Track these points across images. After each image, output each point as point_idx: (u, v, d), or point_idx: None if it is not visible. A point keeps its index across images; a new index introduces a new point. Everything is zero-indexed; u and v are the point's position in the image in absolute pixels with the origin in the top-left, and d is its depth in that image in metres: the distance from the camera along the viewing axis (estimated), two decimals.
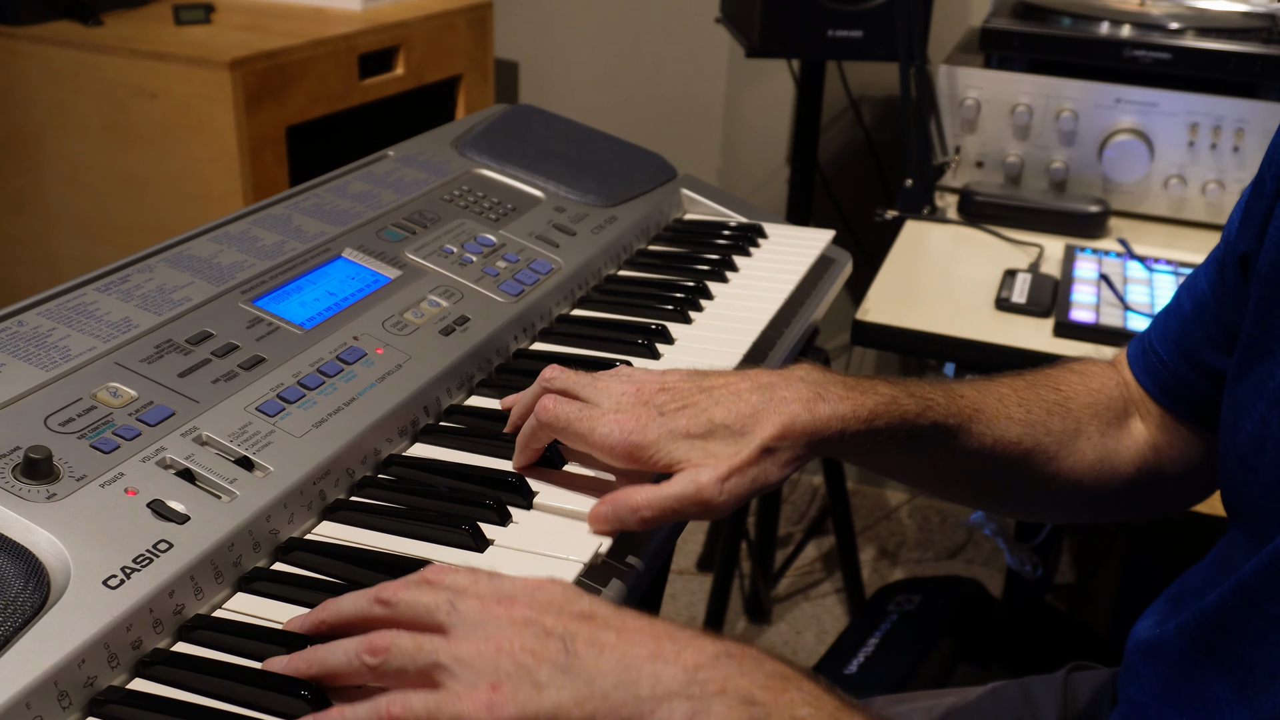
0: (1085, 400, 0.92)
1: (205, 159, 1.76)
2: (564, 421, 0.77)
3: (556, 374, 0.81)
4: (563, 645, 0.60)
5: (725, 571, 2.03)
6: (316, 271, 0.97)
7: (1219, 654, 0.73)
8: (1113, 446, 0.91)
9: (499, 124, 1.33)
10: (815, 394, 0.77)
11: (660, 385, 0.78)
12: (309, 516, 0.78)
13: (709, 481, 0.74)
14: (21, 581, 0.63)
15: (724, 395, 0.77)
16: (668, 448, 0.75)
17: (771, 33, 1.79)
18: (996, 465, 0.87)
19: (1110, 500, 0.93)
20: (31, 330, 0.82)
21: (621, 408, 0.77)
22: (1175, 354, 0.90)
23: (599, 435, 0.76)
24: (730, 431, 0.75)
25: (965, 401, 0.85)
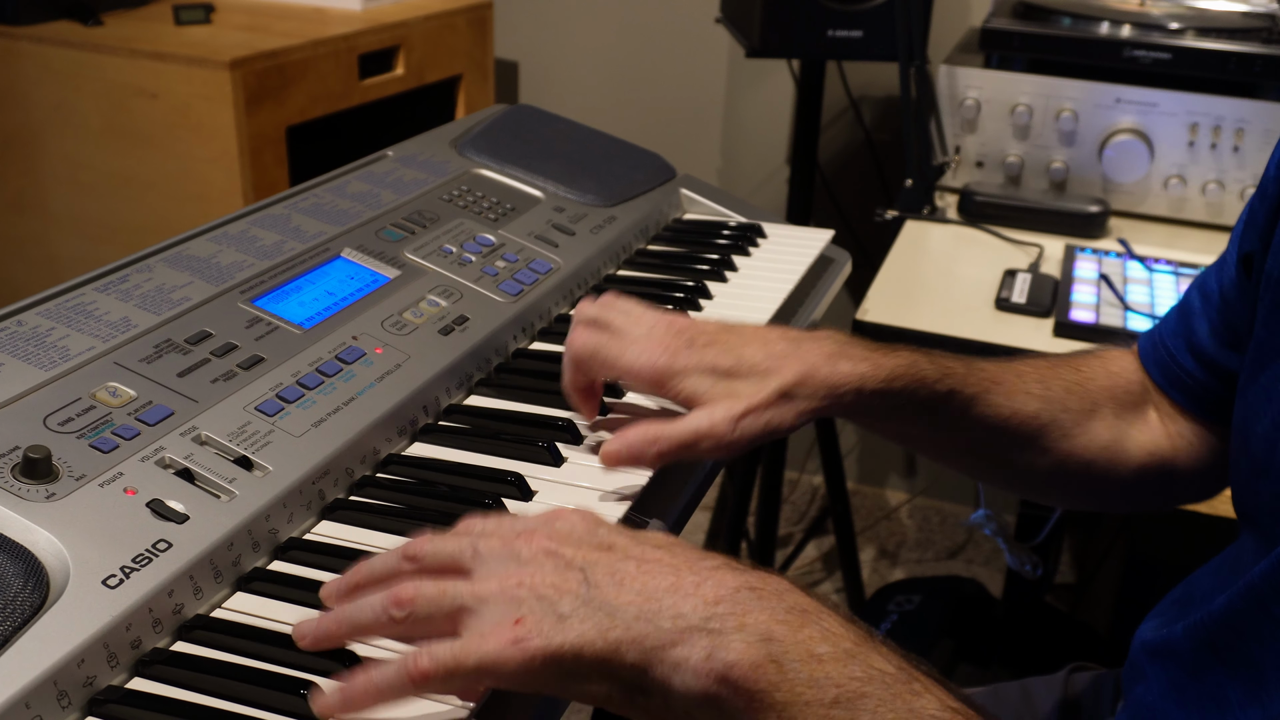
0: (1104, 383, 0.92)
1: (205, 159, 1.76)
2: (591, 349, 0.78)
3: (588, 304, 0.81)
4: (583, 576, 0.60)
5: None
6: (316, 271, 0.98)
7: (1229, 656, 0.72)
8: (1127, 431, 0.91)
9: (499, 124, 1.33)
10: (839, 350, 0.79)
11: (691, 322, 0.80)
12: (308, 516, 0.78)
13: (723, 418, 0.75)
14: (21, 581, 0.63)
15: (753, 338, 0.79)
16: (693, 379, 0.76)
17: (771, 33, 1.79)
18: (1011, 438, 0.88)
19: (1118, 487, 0.93)
20: (31, 330, 0.82)
21: (653, 335, 0.78)
22: (1184, 349, 0.90)
23: (628, 359, 0.77)
24: (754, 371, 0.77)
25: (984, 374, 0.86)
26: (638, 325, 0.80)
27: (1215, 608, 0.73)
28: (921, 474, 2.52)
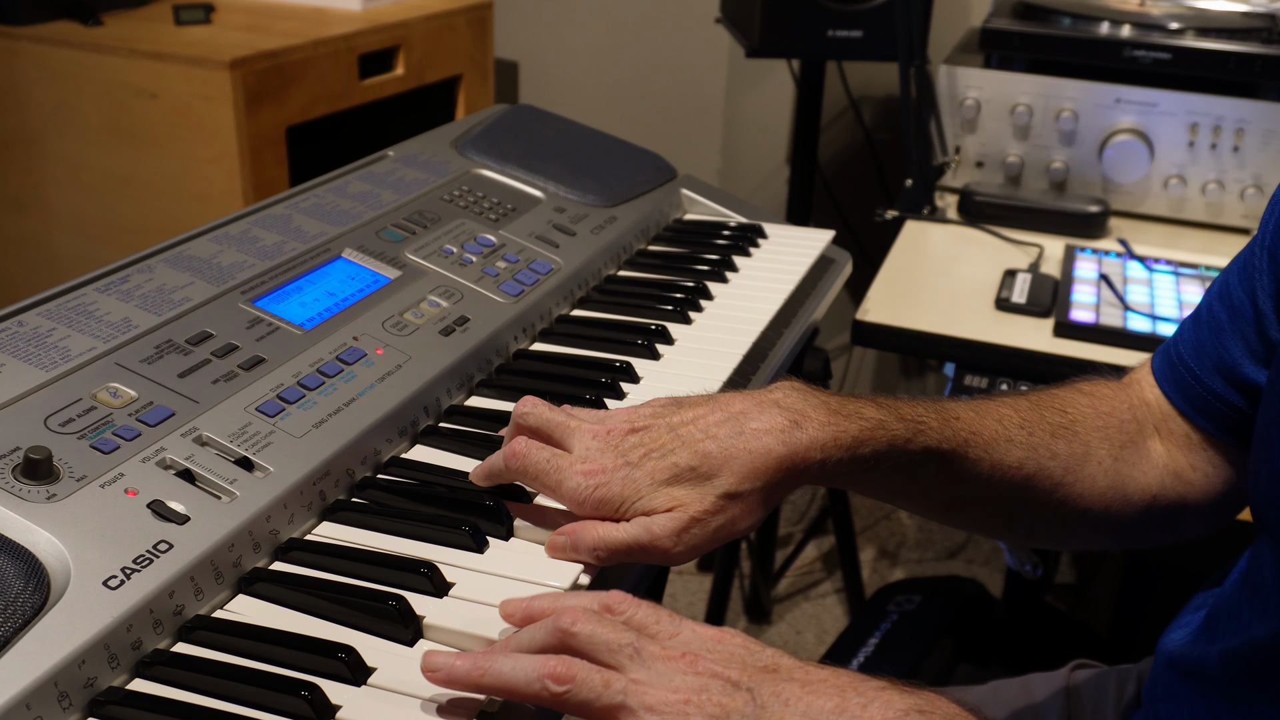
0: (1095, 423, 0.87)
1: (205, 159, 1.76)
2: (534, 472, 0.75)
3: (529, 409, 0.78)
4: (750, 697, 0.59)
5: (725, 571, 2.03)
6: (316, 272, 0.97)
7: (1272, 685, 0.71)
8: (1127, 472, 0.86)
9: (499, 124, 1.33)
10: (792, 422, 0.74)
11: (630, 426, 0.75)
12: (309, 517, 0.78)
13: (663, 533, 0.71)
14: (21, 582, 0.63)
15: (692, 433, 0.74)
16: (633, 501, 0.73)
17: (771, 33, 1.79)
18: (997, 491, 0.83)
19: (1124, 528, 0.89)
20: (31, 330, 0.82)
21: (589, 456, 0.74)
22: (1209, 368, 0.85)
23: (567, 489, 0.74)
24: (695, 474, 0.72)
25: (961, 424, 0.81)
26: (578, 441, 0.75)
27: (1256, 637, 0.71)
28: None
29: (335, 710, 0.62)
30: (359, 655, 0.65)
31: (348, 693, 0.64)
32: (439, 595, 0.71)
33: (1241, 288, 0.83)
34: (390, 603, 0.68)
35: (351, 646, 0.65)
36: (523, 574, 0.73)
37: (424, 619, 0.69)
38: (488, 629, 0.68)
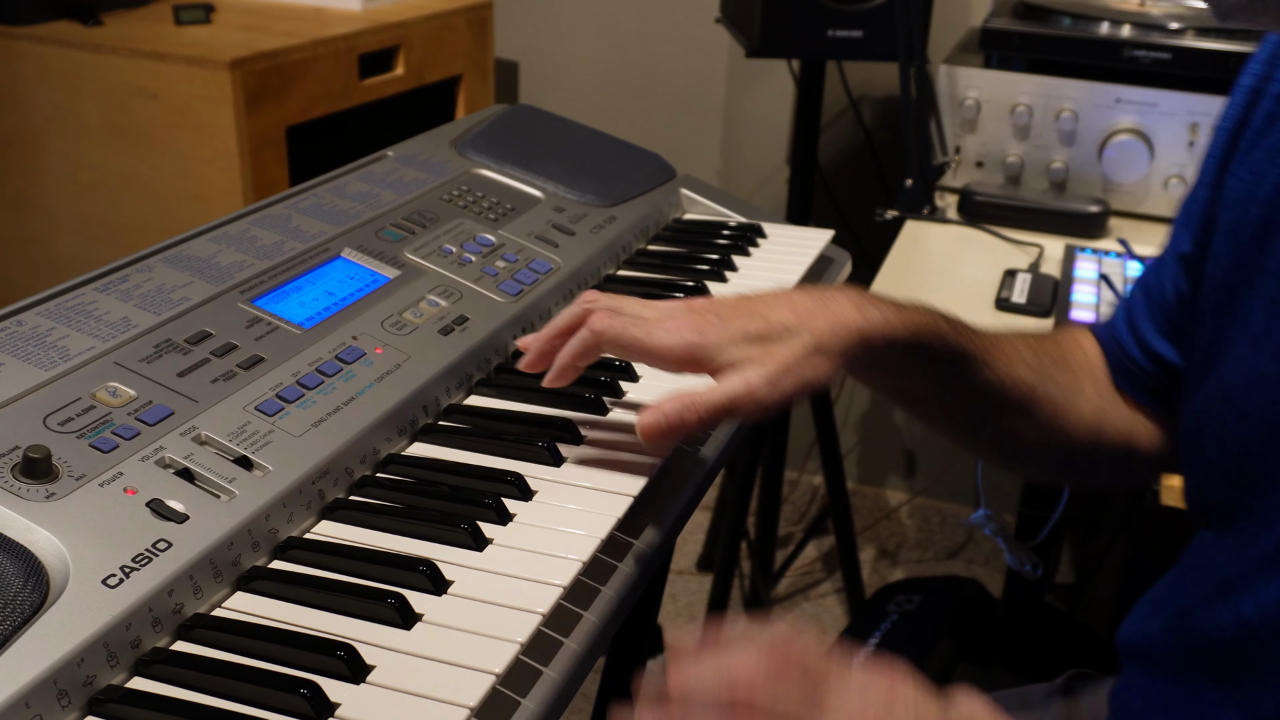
0: (1083, 362, 0.93)
1: (205, 159, 1.76)
2: (619, 331, 0.77)
3: (598, 294, 0.80)
4: None
5: (725, 571, 2.03)
6: (316, 271, 0.98)
7: (1208, 659, 0.73)
8: (1106, 410, 0.92)
9: (498, 124, 1.33)
10: (864, 300, 0.79)
11: (706, 302, 0.79)
12: (308, 516, 0.78)
13: (759, 380, 0.73)
14: (21, 581, 0.63)
15: (776, 300, 0.77)
16: (729, 349, 0.75)
17: (771, 33, 1.79)
18: (1005, 404, 0.88)
19: (1096, 464, 0.95)
20: (31, 330, 0.82)
21: (676, 316, 0.77)
22: (1133, 344, 0.92)
23: (656, 339, 0.76)
24: (786, 331, 0.75)
25: (985, 338, 0.87)
26: (654, 311, 0.78)
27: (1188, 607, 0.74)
28: (921, 474, 2.52)
29: (334, 708, 0.62)
30: (358, 653, 0.65)
31: (347, 691, 0.64)
32: (438, 593, 0.71)
33: (1154, 274, 0.91)
34: (389, 601, 0.69)
35: (351, 645, 0.65)
36: (523, 572, 0.73)
37: (423, 617, 0.69)
38: (488, 627, 0.68)
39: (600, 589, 0.74)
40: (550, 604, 0.71)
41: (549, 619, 0.70)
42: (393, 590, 0.70)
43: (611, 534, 0.78)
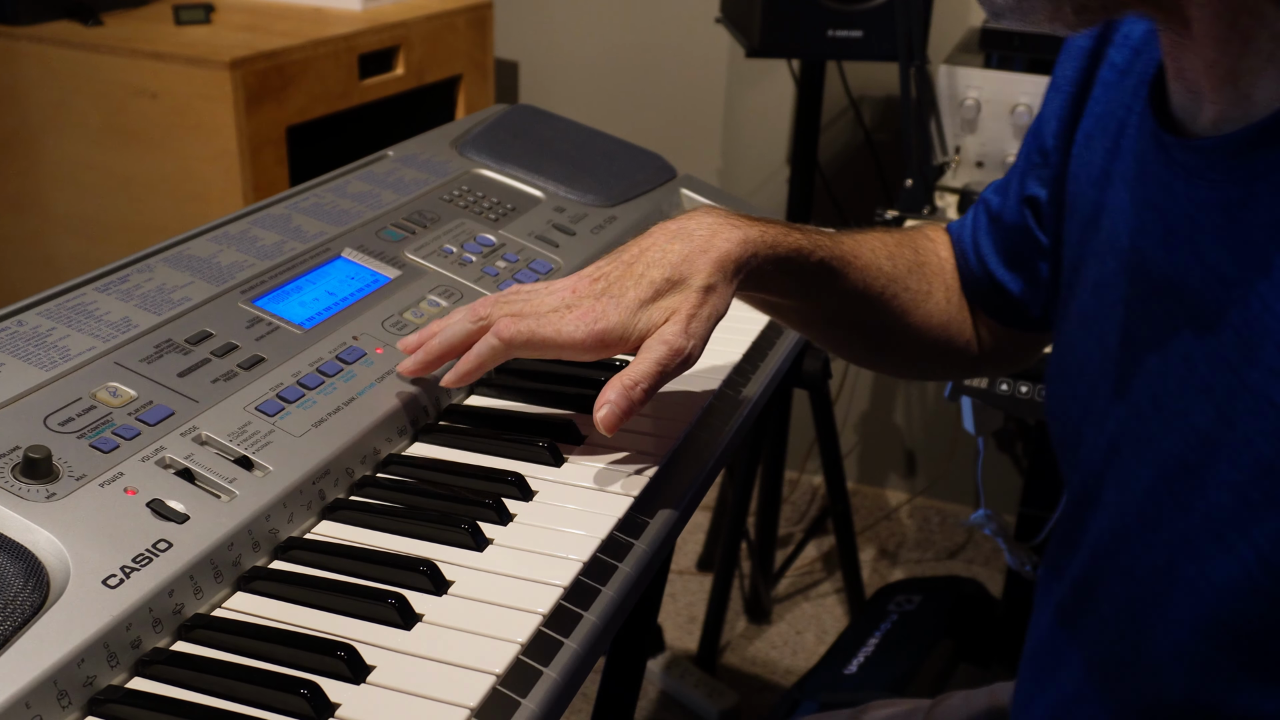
0: (937, 267, 0.98)
1: (205, 159, 1.76)
2: (527, 334, 0.81)
3: (490, 302, 0.84)
4: None
5: (725, 571, 2.03)
6: (316, 271, 0.98)
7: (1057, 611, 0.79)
8: (955, 315, 0.98)
9: (499, 124, 1.33)
10: (729, 225, 0.83)
11: (591, 277, 0.83)
12: (308, 516, 0.78)
13: (675, 337, 0.79)
14: (21, 581, 0.63)
15: (654, 257, 0.82)
16: (631, 323, 0.80)
17: (771, 33, 1.79)
18: (865, 311, 0.93)
19: (950, 363, 1.01)
20: (31, 330, 0.82)
21: (573, 305, 0.81)
22: (973, 253, 0.96)
23: (565, 335, 0.80)
24: (671, 284, 0.80)
25: (845, 247, 0.91)
26: (549, 302, 0.82)
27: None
28: (921, 474, 2.52)
29: (334, 708, 0.62)
30: (358, 654, 0.65)
31: (347, 691, 0.64)
32: (438, 593, 0.71)
33: (997, 200, 0.94)
34: (390, 601, 0.69)
35: (351, 645, 0.65)
36: (523, 572, 0.73)
37: (423, 617, 0.69)
38: (488, 627, 0.68)
39: (600, 589, 0.74)
40: (550, 604, 0.71)
41: (549, 619, 0.70)
42: (393, 590, 0.70)
43: (611, 534, 0.78)
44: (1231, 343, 0.61)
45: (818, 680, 1.65)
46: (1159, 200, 0.67)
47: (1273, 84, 0.59)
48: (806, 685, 1.64)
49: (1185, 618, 0.66)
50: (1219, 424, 0.62)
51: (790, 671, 2.10)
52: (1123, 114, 0.75)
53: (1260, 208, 0.60)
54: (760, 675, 2.11)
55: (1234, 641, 0.63)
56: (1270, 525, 0.60)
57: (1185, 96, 0.66)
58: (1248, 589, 0.61)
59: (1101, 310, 0.74)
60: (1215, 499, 0.63)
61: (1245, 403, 0.60)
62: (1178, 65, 0.66)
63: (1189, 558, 0.65)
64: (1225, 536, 0.62)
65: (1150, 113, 0.69)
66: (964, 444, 2.39)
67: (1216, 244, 0.62)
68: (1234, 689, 0.64)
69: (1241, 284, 0.60)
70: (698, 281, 0.80)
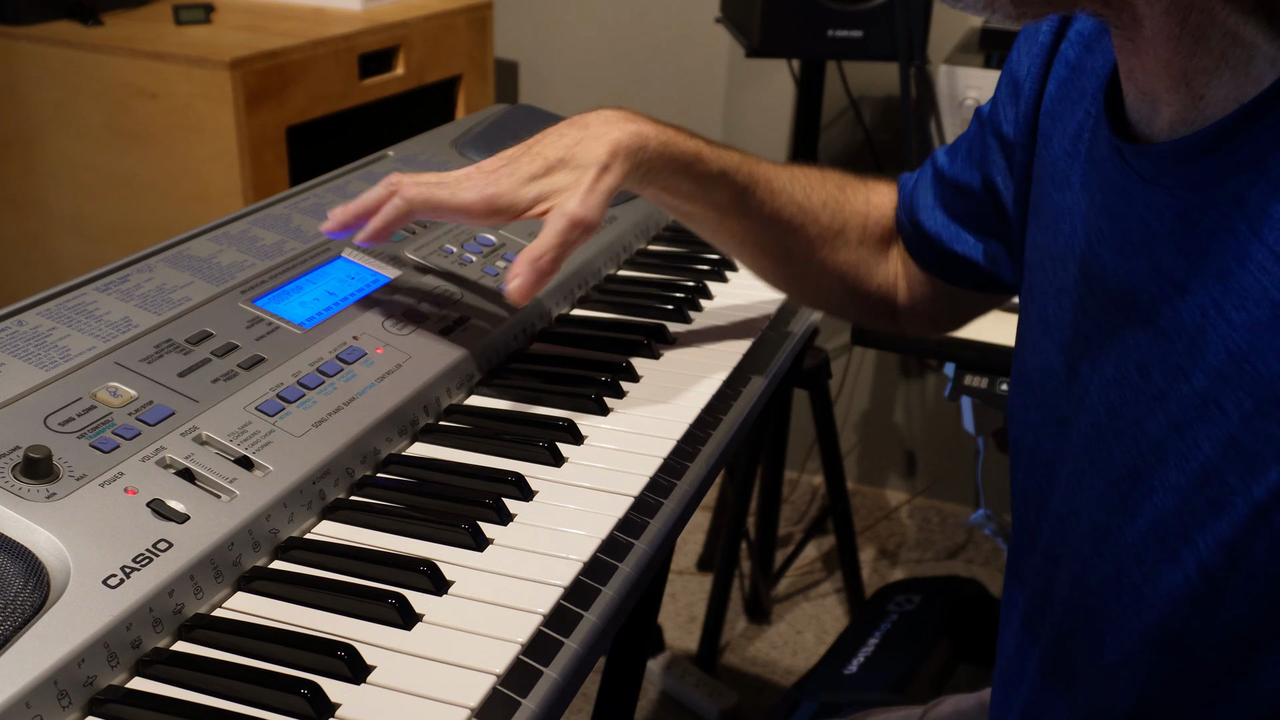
0: (858, 209, 1.00)
1: (205, 159, 1.76)
2: (424, 196, 0.88)
3: (402, 175, 0.91)
4: None
5: (725, 571, 2.03)
6: (316, 271, 0.98)
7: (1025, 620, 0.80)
8: (868, 261, 1.01)
9: (499, 124, 1.33)
10: (624, 118, 0.89)
11: (496, 158, 0.90)
12: (309, 516, 0.78)
13: (574, 207, 0.85)
14: (21, 581, 0.63)
15: (550, 141, 0.89)
16: (520, 191, 0.87)
17: (771, 33, 1.79)
18: (771, 235, 0.97)
19: (860, 307, 1.05)
20: (31, 330, 0.82)
21: (472, 178, 0.88)
22: (910, 207, 0.99)
23: (459, 199, 0.87)
24: (565, 163, 0.87)
25: (760, 170, 0.95)
26: (453, 175, 0.90)
27: None
28: (921, 474, 2.52)
29: (335, 709, 0.62)
30: (359, 654, 0.65)
31: (347, 691, 0.64)
32: (439, 594, 0.71)
33: (949, 163, 0.96)
34: (390, 601, 0.69)
35: (351, 645, 0.65)
36: (523, 572, 0.73)
37: (423, 617, 0.69)
38: (488, 627, 0.68)
39: (600, 589, 0.74)
40: (550, 604, 0.71)
41: (549, 619, 0.70)
42: (393, 590, 0.70)
43: (612, 534, 0.78)
44: (1185, 350, 0.60)
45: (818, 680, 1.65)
46: (1115, 207, 0.67)
47: (1226, 85, 0.58)
48: (806, 685, 1.64)
49: (1133, 626, 0.65)
50: (1169, 431, 0.62)
51: (790, 671, 2.10)
52: (1080, 116, 0.74)
53: (1215, 213, 0.59)
54: (760, 675, 2.11)
55: (1178, 651, 0.63)
56: (1211, 531, 0.59)
57: (1139, 99, 0.65)
58: (1189, 598, 0.61)
59: (1061, 316, 0.73)
60: (1161, 505, 0.62)
61: (1193, 408, 0.60)
62: (1130, 67, 0.65)
63: (1135, 565, 0.65)
64: (1169, 543, 0.62)
65: (1105, 118, 0.68)
66: (964, 444, 2.39)
67: (1172, 250, 0.62)
68: (1179, 700, 0.64)
69: (1195, 289, 0.60)
70: (590, 160, 0.87)
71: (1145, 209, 0.64)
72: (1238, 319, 0.57)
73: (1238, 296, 0.57)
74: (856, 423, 2.52)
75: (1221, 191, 0.58)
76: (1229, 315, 0.58)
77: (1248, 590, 0.58)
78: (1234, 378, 0.57)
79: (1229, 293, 0.58)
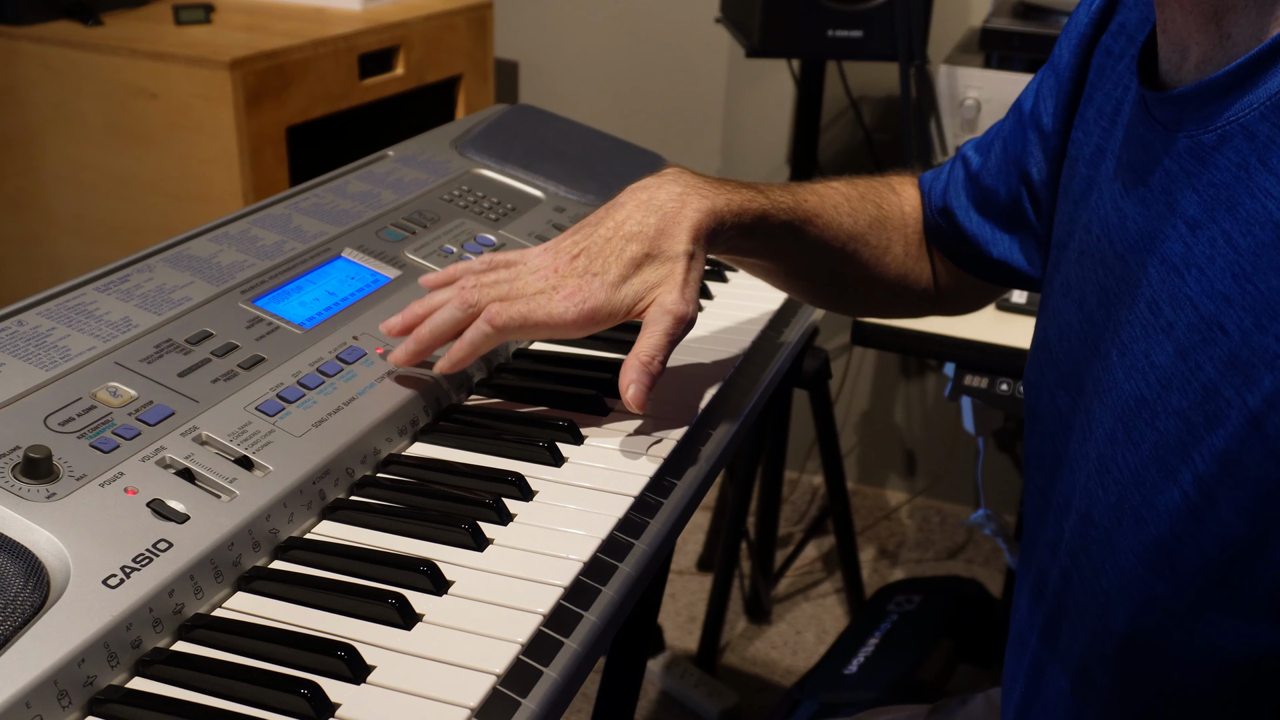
0: (899, 222, 1.02)
1: (205, 159, 1.76)
2: (520, 319, 0.84)
3: (473, 285, 0.86)
4: None
5: (725, 571, 2.03)
6: (316, 271, 0.98)
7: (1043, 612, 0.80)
8: (914, 268, 1.02)
9: (499, 124, 1.33)
10: (692, 191, 0.87)
11: (570, 254, 0.86)
12: (309, 516, 0.78)
13: (674, 304, 0.83)
14: (21, 581, 0.63)
15: (629, 230, 0.85)
16: (616, 299, 0.84)
17: (771, 33, 1.79)
18: (826, 263, 0.98)
19: (906, 305, 1.06)
20: (31, 330, 0.82)
21: (558, 285, 0.85)
22: (940, 210, 1.00)
23: (557, 317, 0.84)
24: (652, 258, 0.85)
25: (808, 205, 0.94)
26: (533, 282, 0.85)
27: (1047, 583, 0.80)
28: (921, 474, 2.52)
29: (335, 709, 0.62)
30: (359, 654, 0.65)
31: (347, 691, 0.64)
32: (439, 593, 0.71)
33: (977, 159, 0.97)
34: (390, 601, 0.69)
35: (351, 645, 0.65)
36: (523, 572, 0.73)
37: (423, 617, 0.69)
38: (488, 627, 0.68)
39: (600, 589, 0.74)
40: (551, 604, 0.71)
41: (549, 619, 0.70)
42: (393, 590, 0.70)
43: (612, 534, 0.78)
44: (1194, 280, 0.63)
45: (818, 680, 1.65)
46: (1139, 162, 0.69)
47: (1251, 22, 0.61)
48: (806, 685, 1.64)
49: (1131, 548, 0.67)
50: (1175, 358, 0.64)
51: (790, 671, 2.10)
52: (1120, 94, 0.77)
53: (1228, 148, 0.61)
54: (760, 675, 2.11)
55: (1170, 566, 0.65)
56: (1208, 445, 0.61)
57: (1171, 49, 0.68)
58: (1184, 511, 0.63)
59: (1083, 275, 0.76)
60: (1164, 428, 0.64)
61: (1198, 331, 0.62)
62: (1164, 18, 0.68)
63: (1136, 488, 0.66)
64: (1168, 463, 0.64)
65: (1136, 76, 0.72)
66: (964, 444, 2.39)
67: (1187, 190, 0.64)
68: (1171, 614, 0.66)
69: (1205, 223, 0.62)
70: (678, 249, 0.84)
71: (1166, 156, 0.66)
72: (1243, 244, 0.59)
73: (1244, 223, 0.59)
74: (856, 423, 2.52)
75: (1237, 127, 0.61)
76: (1235, 241, 0.60)
77: (1240, 497, 0.60)
78: (1236, 298, 0.59)
79: (1236, 221, 0.60)
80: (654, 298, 0.84)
